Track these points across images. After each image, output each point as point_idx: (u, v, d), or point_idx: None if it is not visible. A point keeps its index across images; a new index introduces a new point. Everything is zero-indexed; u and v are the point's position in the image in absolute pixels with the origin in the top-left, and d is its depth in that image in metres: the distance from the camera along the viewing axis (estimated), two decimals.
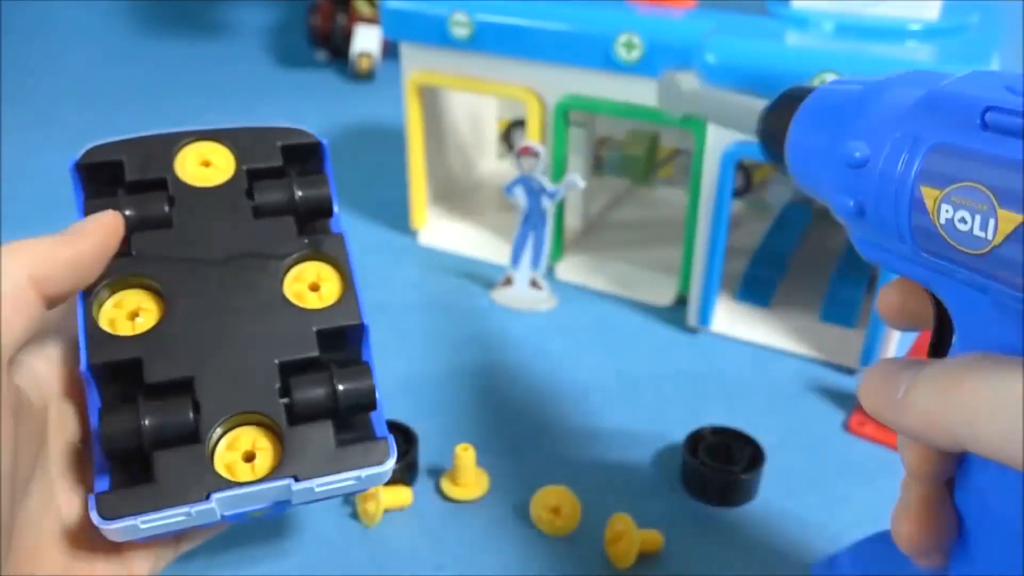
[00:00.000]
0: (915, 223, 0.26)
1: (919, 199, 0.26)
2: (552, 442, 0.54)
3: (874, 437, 0.54)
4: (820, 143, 0.32)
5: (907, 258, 0.28)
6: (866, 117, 0.29)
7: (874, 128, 0.28)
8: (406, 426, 0.52)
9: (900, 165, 0.27)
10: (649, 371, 0.61)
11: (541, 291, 0.69)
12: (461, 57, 0.69)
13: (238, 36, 1.46)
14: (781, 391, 0.59)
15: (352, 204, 0.86)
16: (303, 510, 0.48)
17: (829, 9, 0.59)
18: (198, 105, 1.18)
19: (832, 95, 0.33)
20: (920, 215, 0.26)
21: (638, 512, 0.46)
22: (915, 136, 0.26)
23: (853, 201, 0.29)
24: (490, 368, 0.61)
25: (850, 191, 0.29)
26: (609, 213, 0.83)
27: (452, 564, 0.45)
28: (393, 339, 0.64)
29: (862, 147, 0.28)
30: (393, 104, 0.84)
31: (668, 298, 0.69)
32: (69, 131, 1.07)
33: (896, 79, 0.30)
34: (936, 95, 0.27)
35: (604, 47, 0.62)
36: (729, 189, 0.59)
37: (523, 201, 0.66)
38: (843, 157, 0.29)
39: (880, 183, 0.27)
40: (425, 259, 0.76)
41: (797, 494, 0.50)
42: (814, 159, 0.32)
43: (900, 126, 0.27)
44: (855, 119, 0.30)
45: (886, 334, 0.59)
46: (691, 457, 0.50)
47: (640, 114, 0.65)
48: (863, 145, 0.28)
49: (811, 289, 0.69)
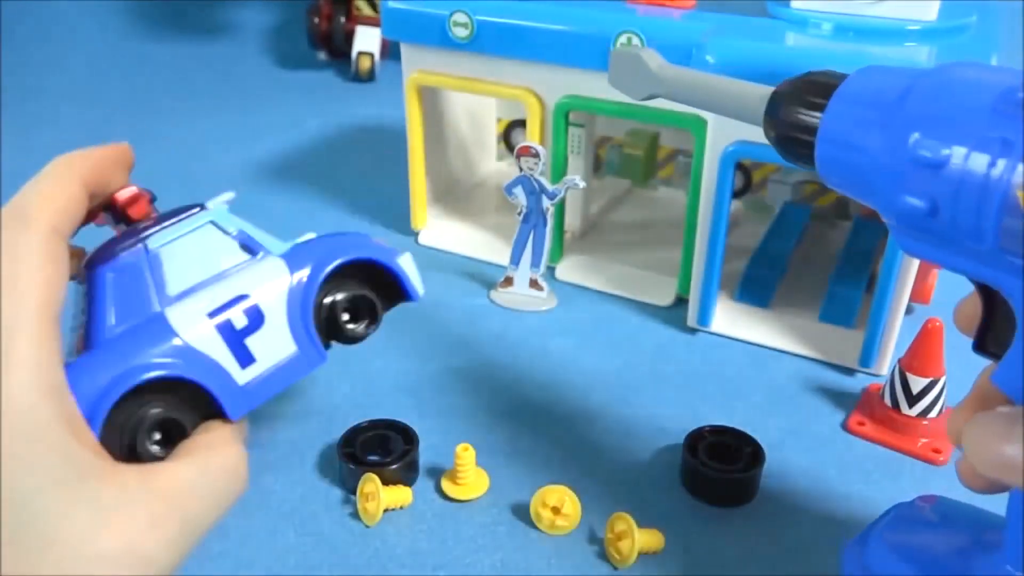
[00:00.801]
0: (1005, 225, 0.26)
1: (1014, 203, 0.26)
2: (552, 442, 0.54)
3: (873, 437, 0.54)
4: (871, 139, 0.30)
5: (976, 257, 0.28)
6: (932, 113, 0.28)
7: (948, 126, 0.28)
8: (406, 426, 0.52)
9: (991, 168, 0.26)
10: (649, 371, 0.61)
11: (541, 291, 0.69)
12: (461, 57, 0.69)
13: (238, 37, 1.46)
14: (781, 391, 0.59)
15: (352, 204, 0.86)
16: (303, 509, 0.49)
17: (828, 10, 0.59)
18: (198, 106, 1.18)
19: (877, 85, 0.31)
20: (1013, 219, 0.26)
21: (638, 512, 0.46)
22: (1004, 140, 0.26)
23: (925, 201, 0.28)
24: (490, 368, 0.61)
25: (921, 191, 0.28)
26: (609, 213, 0.83)
27: (452, 564, 0.45)
28: (393, 339, 0.64)
29: (937, 146, 0.27)
30: (393, 104, 0.84)
31: (668, 298, 0.69)
32: (69, 132, 1.07)
33: (951, 69, 0.29)
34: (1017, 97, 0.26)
35: (604, 47, 0.62)
36: (729, 189, 0.59)
37: (523, 201, 0.66)
38: (911, 156, 0.28)
39: (962, 185, 0.27)
40: (425, 259, 0.76)
41: (797, 494, 0.50)
42: (862, 155, 0.31)
43: (984, 127, 0.27)
44: (918, 114, 0.29)
45: (885, 334, 0.59)
46: (691, 457, 0.50)
47: (640, 114, 0.65)
48: (937, 144, 0.27)
49: (810, 289, 0.69)
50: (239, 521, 0.48)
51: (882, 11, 0.58)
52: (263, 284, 0.40)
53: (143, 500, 0.31)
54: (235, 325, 0.38)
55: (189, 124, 1.10)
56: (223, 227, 0.40)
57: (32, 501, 0.29)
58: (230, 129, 1.09)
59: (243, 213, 0.43)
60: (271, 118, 1.13)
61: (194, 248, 0.39)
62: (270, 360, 0.40)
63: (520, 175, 0.65)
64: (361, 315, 0.43)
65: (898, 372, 0.54)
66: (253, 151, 1.01)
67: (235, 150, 1.01)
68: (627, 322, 0.67)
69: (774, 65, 0.53)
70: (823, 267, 0.72)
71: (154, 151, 1.01)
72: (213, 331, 0.38)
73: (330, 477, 0.51)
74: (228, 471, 0.35)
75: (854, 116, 0.31)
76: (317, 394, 0.58)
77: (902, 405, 0.54)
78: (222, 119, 1.13)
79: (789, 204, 0.79)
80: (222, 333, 0.38)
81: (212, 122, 1.11)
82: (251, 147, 1.02)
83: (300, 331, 0.41)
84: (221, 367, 0.38)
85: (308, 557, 0.46)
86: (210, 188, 0.41)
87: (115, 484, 0.31)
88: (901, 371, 0.54)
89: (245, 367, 0.39)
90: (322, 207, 0.86)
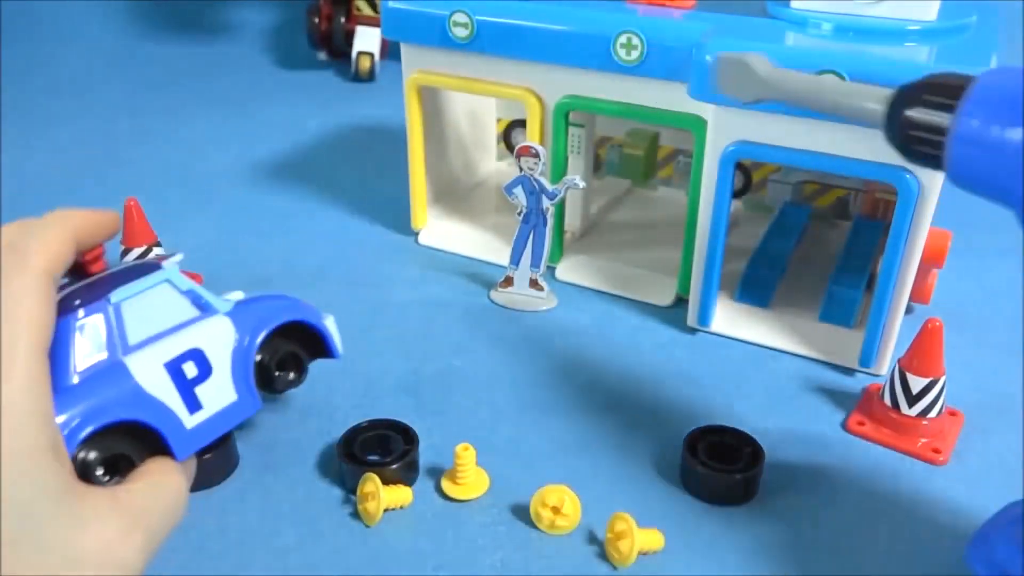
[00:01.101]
0: None
1: None
2: (552, 442, 0.54)
3: (873, 437, 0.54)
4: (1014, 140, 0.29)
5: None
6: None
7: None
8: (406, 426, 0.52)
9: None
10: (649, 371, 0.61)
11: (541, 291, 0.69)
12: (461, 57, 0.69)
13: (238, 37, 1.46)
14: (780, 391, 0.59)
15: (352, 204, 0.86)
16: (303, 509, 0.49)
17: (828, 10, 0.59)
18: (198, 106, 1.18)
19: (1015, 86, 0.30)
20: None
21: (638, 511, 0.46)
22: None
23: None
24: (490, 368, 0.61)
25: None
26: (609, 213, 0.83)
27: (452, 564, 0.45)
28: (393, 339, 0.64)
29: None
30: (393, 104, 0.84)
31: (668, 298, 0.69)
32: (70, 133, 1.07)
33: None
34: None
35: (604, 48, 0.63)
36: (729, 189, 0.59)
37: (523, 201, 0.66)
38: None
39: None
40: (425, 259, 0.76)
41: (796, 494, 0.50)
42: (1002, 157, 0.30)
43: None
44: None
45: (885, 334, 0.59)
46: (691, 457, 0.50)
47: (640, 114, 0.65)
48: None
49: (810, 289, 0.69)
50: (239, 521, 0.48)
51: (882, 11, 0.58)
52: (213, 339, 0.45)
53: (113, 515, 0.35)
54: (187, 375, 0.43)
55: (189, 124, 1.10)
56: (177, 285, 0.44)
57: (28, 509, 0.32)
58: (230, 129, 1.09)
59: (244, 213, 0.43)
60: (271, 118, 1.13)
61: (152, 303, 0.43)
62: (214, 407, 0.45)
63: (520, 175, 0.65)
64: (289, 366, 0.50)
65: (898, 372, 0.54)
66: (253, 151, 1.01)
67: (235, 150, 1.01)
68: (627, 322, 0.67)
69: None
70: (823, 267, 0.72)
71: (154, 151, 1.01)
72: (167, 379, 0.42)
73: (330, 477, 0.51)
74: (175, 495, 0.40)
75: (995, 117, 0.31)
76: (317, 394, 0.58)
77: (902, 405, 0.54)
78: (222, 119, 1.13)
79: (789, 204, 0.79)
80: (175, 381, 0.43)
81: (212, 122, 1.11)
82: (251, 147, 1.02)
83: (241, 382, 0.46)
84: (172, 411, 0.42)
85: (308, 557, 0.46)
86: (210, 188, 0.41)
87: (89, 501, 0.35)
88: (901, 371, 0.54)
89: (193, 412, 0.43)
90: (322, 207, 0.86)
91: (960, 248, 0.70)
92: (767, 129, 0.56)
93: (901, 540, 0.47)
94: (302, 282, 0.72)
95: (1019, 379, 0.60)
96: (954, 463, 0.53)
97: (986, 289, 0.72)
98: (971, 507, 0.49)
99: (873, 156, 0.54)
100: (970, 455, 0.53)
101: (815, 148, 0.55)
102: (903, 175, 0.53)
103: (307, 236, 0.80)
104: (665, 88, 0.62)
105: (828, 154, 0.55)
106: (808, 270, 0.72)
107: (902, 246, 0.55)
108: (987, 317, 0.68)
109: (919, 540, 0.47)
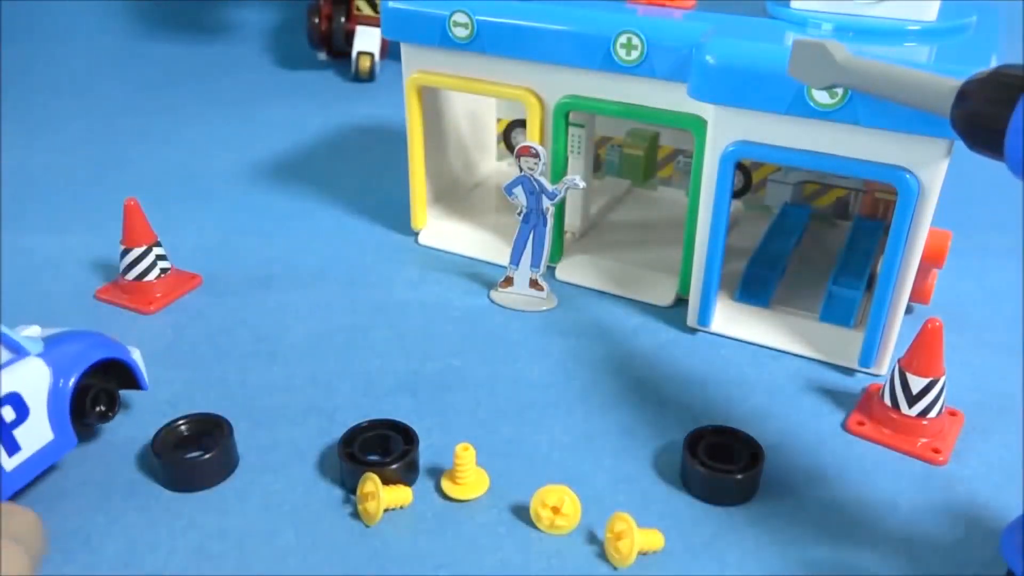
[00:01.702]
0: None
1: None
2: (552, 442, 0.54)
3: (873, 437, 0.54)
4: None
5: None
6: None
7: None
8: (406, 426, 0.52)
9: None
10: (649, 371, 0.61)
11: (541, 291, 0.69)
12: (461, 57, 0.69)
13: (238, 37, 1.46)
14: (780, 391, 0.59)
15: (352, 204, 0.86)
16: (303, 509, 0.49)
17: (828, 10, 0.59)
18: (198, 106, 1.18)
19: None
20: None
21: (638, 511, 0.46)
22: None
23: None
24: (490, 368, 0.61)
25: None
26: (609, 213, 0.83)
27: (452, 564, 0.45)
28: (393, 339, 0.64)
29: None
30: (393, 104, 0.84)
31: (668, 298, 0.69)
32: (70, 132, 1.07)
33: None
34: None
35: (604, 48, 0.63)
36: (729, 189, 0.59)
37: (523, 201, 0.66)
38: None
39: None
40: (425, 259, 0.76)
41: (796, 494, 0.50)
42: None
43: None
44: None
45: (885, 334, 0.59)
46: (691, 457, 0.50)
47: (640, 114, 0.65)
48: None
49: (810, 289, 0.69)
50: (239, 521, 0.48)
51: (882, 11, 0.58)
52: (29, 382, 0.46)
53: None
54: (5, 419, 0.45)
55: (189, 124, 1.10)
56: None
57: None
58: (230, 129, 1.09)
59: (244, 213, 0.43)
60: (271, 118, 1.13)
61: None
62: (32, 447, 0.47)
63: (520, 175, 0.65)
64: (101, 400, 0.52)
65: (898, 372, 0.54)
66: (253, 151, 1.01)
67: (235, 149, 1.01)
68: (627, 322, 0.67)
69: (774, 65, 0.53)
70: (823, 267, 0.72)
71: (154, 151, 1.01)
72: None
73: (330, 477, 0.51)
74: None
75: None
76: (317, 394, 0.58)
77: (902, 405, 0.54)
78: (222, 119, 1.13)
79: (789, 204, 0.79)
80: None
81: (212, 122, 1.12)
82: (251, 147, 1.02)
83: (57, 421, 0.48)
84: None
85: (308, 557, 0.46)
86: (210, 188, 0.41)
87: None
88: (901, 371, 0.54)
89: (12, 455, 0.45)
90: (322, 207, 0.86)
91: (960, 248, 0.70)
92: (767, 129, 0.56)
93: (901, 540, 0.47)
94: (302, 282, 0.72)
95: (1019, 379, 0.60)
96: (954, 463, 0.53)
97: (986, 289, 0.72)
98: (971, 507, 0.49)
99: (873, 156, 0.54)
100: (970, 455, 0.53)
101: (815, 148, 0.55)
102: (903, 175, 0.53)
103: (307, 236, 0.80)
104: (665, 88, 0.62)
105: (828, 154, 0.55)
106: (808, 270, 0.72)
107: (902, 246, 0.55)
108: (987, 317, 0.68)
109: (919, 540, 0.47)
